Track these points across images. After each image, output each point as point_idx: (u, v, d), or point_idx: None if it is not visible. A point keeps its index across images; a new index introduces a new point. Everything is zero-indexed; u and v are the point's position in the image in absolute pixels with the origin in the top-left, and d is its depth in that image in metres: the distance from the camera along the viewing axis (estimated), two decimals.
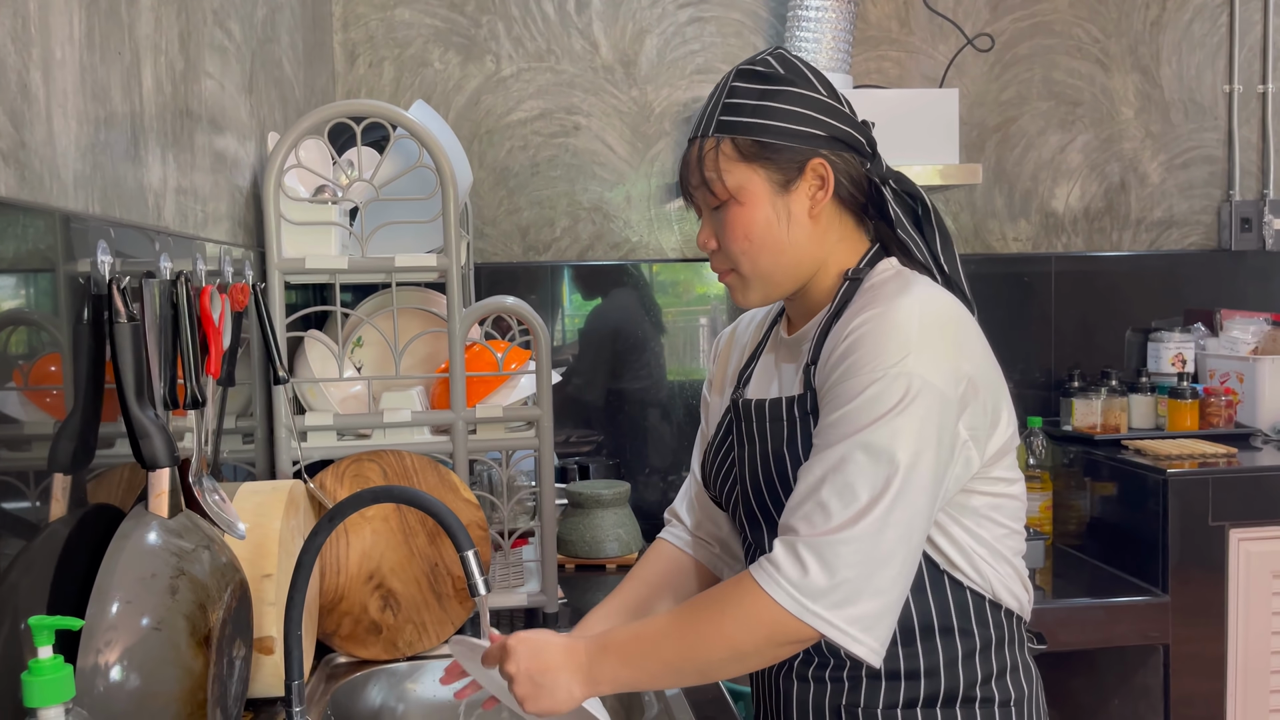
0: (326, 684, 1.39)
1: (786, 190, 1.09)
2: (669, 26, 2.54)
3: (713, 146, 1.10)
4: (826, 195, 1.09)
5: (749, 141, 1.08)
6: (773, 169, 1.08)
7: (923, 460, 0.96)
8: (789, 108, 1.09)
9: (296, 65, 1.96)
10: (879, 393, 0.97)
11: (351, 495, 1.07)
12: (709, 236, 1.14)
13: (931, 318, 1.01)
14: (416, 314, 1.74)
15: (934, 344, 1.00)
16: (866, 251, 1.14)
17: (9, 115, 0.81)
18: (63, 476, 0.86)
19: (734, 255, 1.11)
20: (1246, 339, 2.54)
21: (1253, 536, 2.12)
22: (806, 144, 1.08)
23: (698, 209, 1.16)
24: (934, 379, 0.98)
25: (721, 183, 1.09)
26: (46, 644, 0.68)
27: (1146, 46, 2.70)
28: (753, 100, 1.09)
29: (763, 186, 1.09)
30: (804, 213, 1.10)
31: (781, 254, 1.10)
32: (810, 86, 1.10)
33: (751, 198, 1.09)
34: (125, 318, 0.89)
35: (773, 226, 1.09)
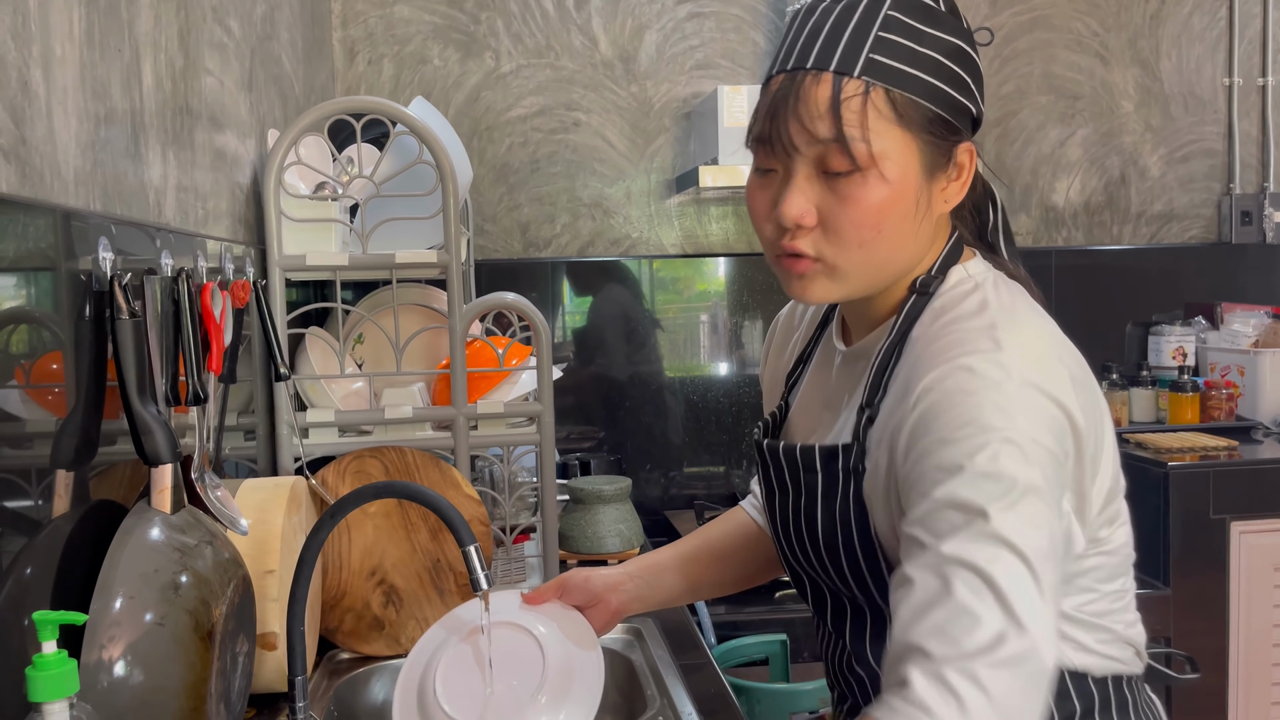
0: (329, 680, 1.39)
1: (932, 176, 0.86)
2: (668, 22, 2.53)
3: (859, 93, 0.82)
4: (963, 191, 0.89)
5: (910, 101, 0.83)
6: (928, 145, 0.85)
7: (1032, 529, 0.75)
8: (954, 68, 0.85)
9: (296, 62, 1.96)
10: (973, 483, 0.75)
11: (354, 491, 1.07)
12: (807, 208, 0.85)
13: (1029, 368, 0.79)
14: (417, 310, 1.75)
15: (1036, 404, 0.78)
16: (941, 251, 0.92)
17: (10, 112, 0.81)
18: (65, 473, 0.86)
19: (846, 243, 0.85)
20: (1247, 332, 2.54)
21: (1254, 529, 2.13)
22: (960, 121, 0.86)
23: (777, 161, 0.87)
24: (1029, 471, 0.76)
25: (866, 144, 0.82)
26: (51, 639, 0.68)
27: (1146, 40, 2.70)
28: (920, 46, 0.84)
29: (914, 164, 0.85)
30: (939, 206, 0.88)
31: (902, 251, 0.87)
32: (968, 34, 0.87)
33: (898, 175, 0.84)
34: (127, 314, 0.89)
35: (908, 218, 0.85)
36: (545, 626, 1.05)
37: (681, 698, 1.29)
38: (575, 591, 1.11)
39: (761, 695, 1.77)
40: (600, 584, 1.11)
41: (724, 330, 2.58)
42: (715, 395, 2.58)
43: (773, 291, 2.57)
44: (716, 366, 2.59)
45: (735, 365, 2.59)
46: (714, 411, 2.57)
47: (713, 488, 2.58)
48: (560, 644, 1.03)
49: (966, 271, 0.90)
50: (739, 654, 1.91)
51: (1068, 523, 0.81)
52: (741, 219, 2.59)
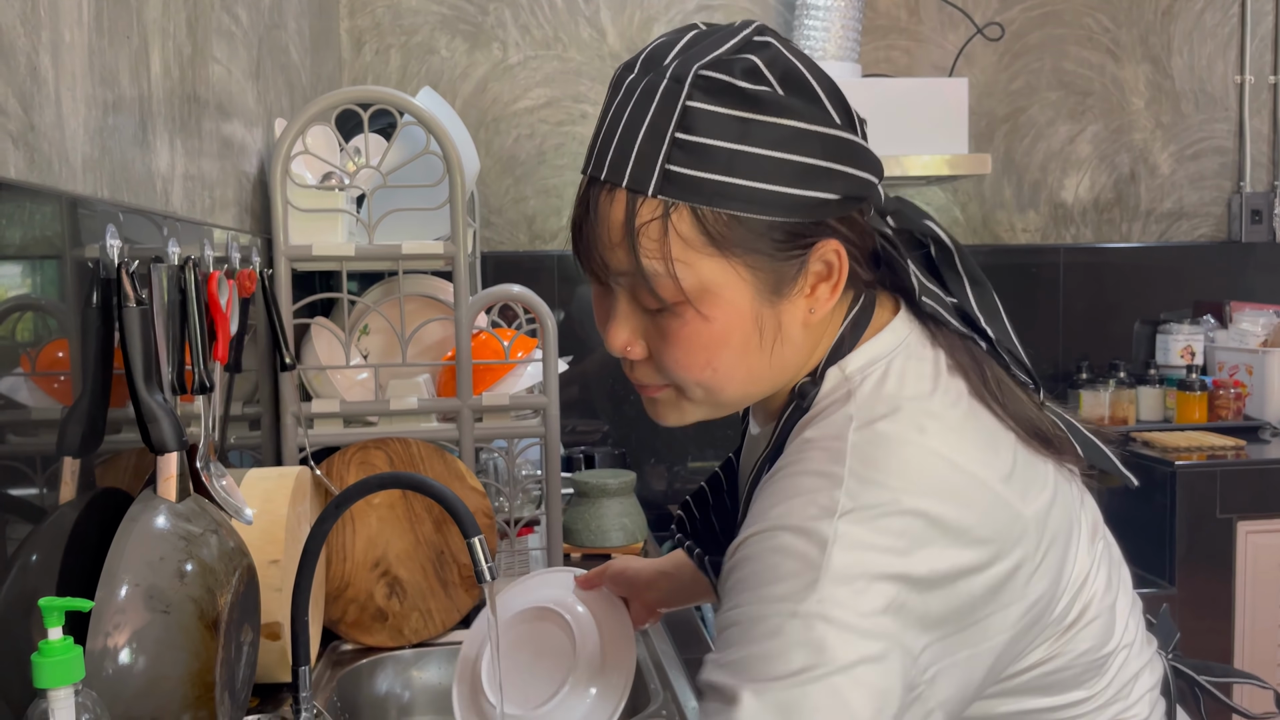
0: (332, 671, 1.39)
1: (779, 295, 0.70)
2: (677, 15, 2.53)
3: (657, 216, 0.67)
4: (835, 293, 0.72)
5: (725, 219, 0.67)
6: (762, 264, 0.69)
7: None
8: (790, 158, 0.67)
9: (303, 52, 1.95)
10: (769, 644, 0.62)
11: (359, 481, 1.07)
12: (631, 340, 0.73)
13: (849, 562, 0.63)
14: (423, 301, 1.74)
15: (861, 566, 0.63)
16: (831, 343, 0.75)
17: (18, 98, 0.81)
18: (72, 460, 0.86)
19: (682, 381, 0.73)
20: (1256, 331, 2.53)
21: (1260, 529, 2.12)
22: (814, 216, 0.69)
23: (601, 282, 0.74)
24: (856, 620, 0.62)
25: (673, 279, 0.68)
26: (56, 625, 0.68)
27: (1157, 36, 2.69)
28: (738, 143, 0.66)
29: (745, 291, 0.69)
30: (798, 323, 0.72)
31: (756, 383, 0.73)
32: (816, 107, 0.69)
33: (723, 309, 0.69)
34: (134, 302, 0.89)
35: (751, 348, 0.71)
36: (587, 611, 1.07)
37: (685, 692, 1.28)
38: (615, 582, 1.09)
39: None
40: (636, 578, 1.10)
41: None
42: None
43: None
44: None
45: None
46: None
47: None
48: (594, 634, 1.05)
49: (843, 373, 0.73)
50: None
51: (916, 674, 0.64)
52: None
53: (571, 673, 1.01)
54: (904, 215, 0.75)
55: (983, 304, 0.76)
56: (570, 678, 1.01)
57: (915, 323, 0.76)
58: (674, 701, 1.26)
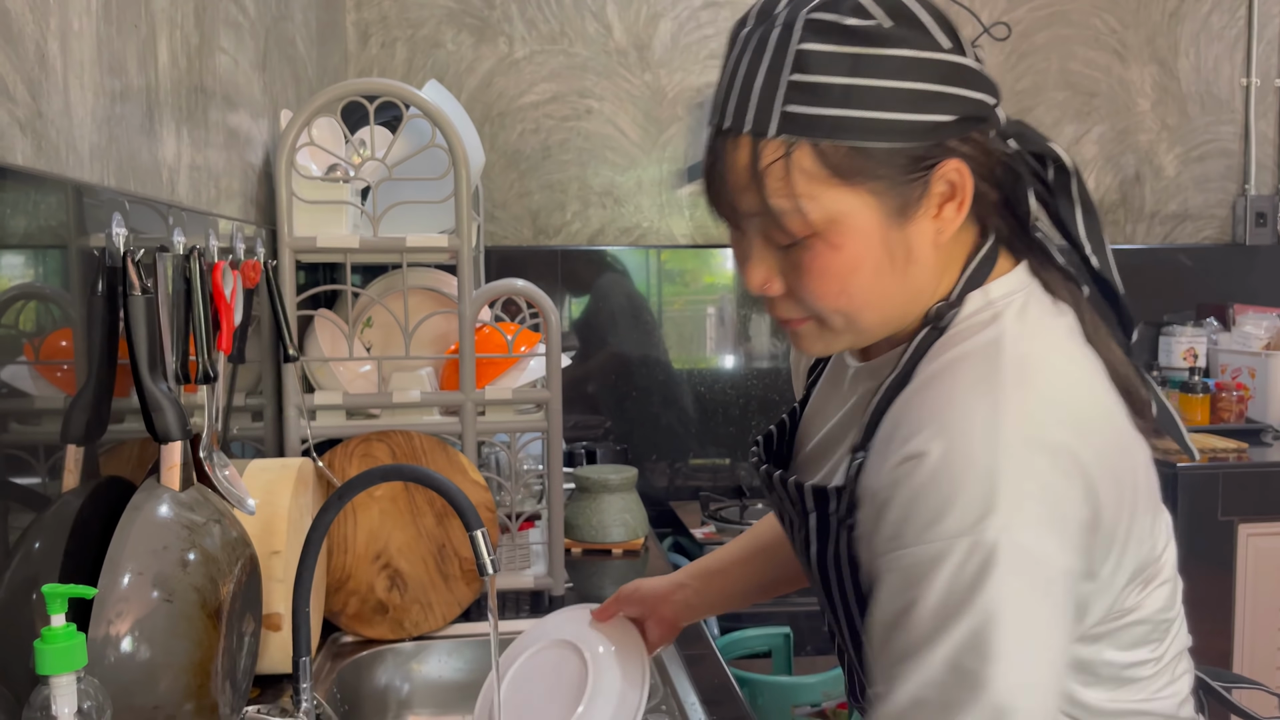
0: (333, 662, 1.39)
1: (905, 218, 0.72)
2: (684, 10, 2.52)
3: (780, 156, 0.70)
4: (961, 211, 0.74)
5: (844, 150, 0.70)
6: (887, 189, 0.71)
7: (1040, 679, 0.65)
8: (902, 85, 0.70)
9: (309, 44, 1.95)
10: (953, 577, 0.64)
11: (361, 473, 1.07)
12: (769, 277, 0.76)
13: (1026, 442, 0.66)
14: (427, 295, 1.74)
15: (1032, 481, 0.66)
16: (965, 265, 0.77)
17: (27, 85, 0.81)
18: (75, 448, 0.86)
19: (820, 309, 0.75)
20: (1259, 334, 2.53)
21: (1262, 532, 2.12)
22: (931, 139, 0.71)
23: (735, 226, 0.77)
24: (1039, 544, 0.65)
25: (801, 214, 0.71)
26: (59, 612, 0.68)
27: (1164, 38, 2.68)
28: (851, 77, 0.69)
29: (872, 218, 0.72)
30: (927, 244, 0.74)
31: (892, 305, 0.75)
32: (923, 34, 0.71)
33: (852, 236, 0.72)
34: (140, 291, 0.89)
35: (884, 272, 0.73)
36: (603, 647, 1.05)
37: (685, 688, 1.28)
38: (629, 604, 1.07)
39: (764, 687, 1.77)
40: (652, 595, 1.08)
41: (732, 323, 2.58)
42: (723, 387, 2.57)
43: None
44: (724, 359, 2.59)
45: (743, 358, 2.58)
46: (721, 403, 2.57)
47: (719, 480, 2.57)
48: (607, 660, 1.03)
49: (987, 297, 0.76)
50: (742, 646, 1.91)
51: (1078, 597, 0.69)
52: None
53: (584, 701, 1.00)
54: (1026, 137, 0.77)
55: (1090, 233, 0.78)
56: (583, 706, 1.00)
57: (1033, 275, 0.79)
58: (674, 697, 1.26)
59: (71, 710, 0.67)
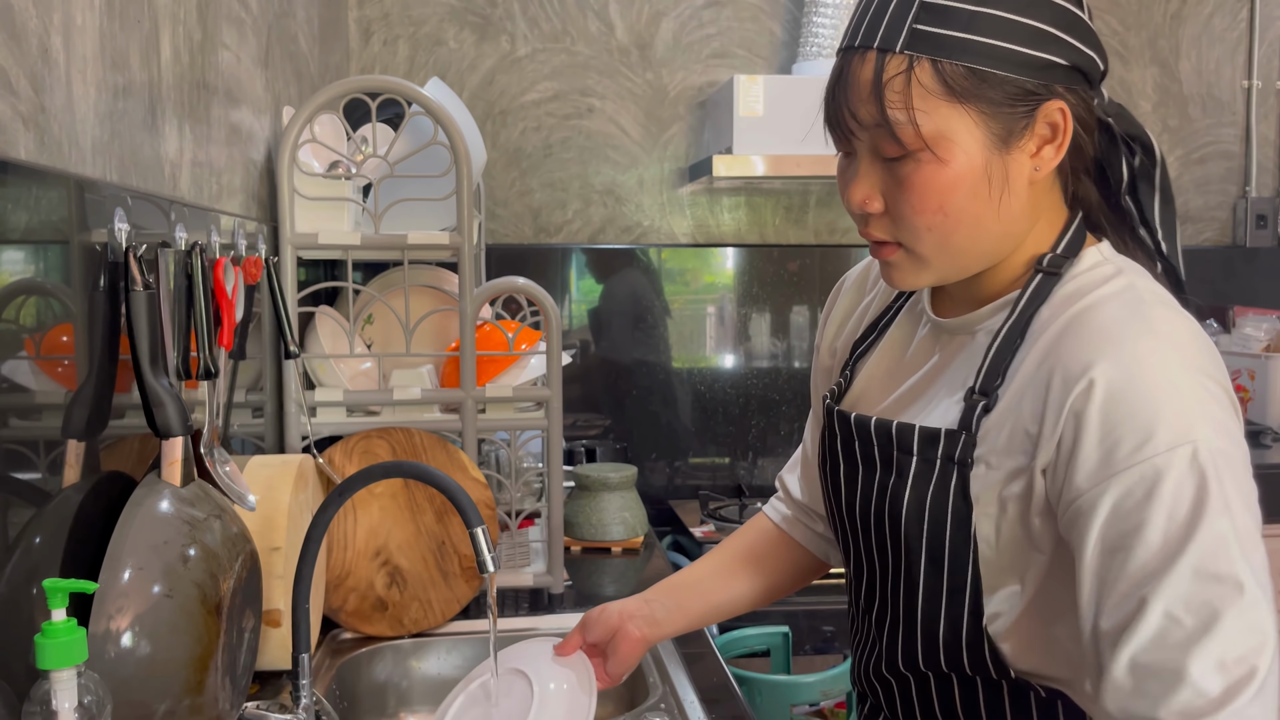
0: (332, 659, 1.39)
1: (1006, 146, 0.78)
2: (685, 9, 2.52)
3: (902, 70, 0.76)
4: (1059, 153, 0.79)
5: (961, 70, 0.75)
6: (993, 114, 0.76)
7: (1260, 561, 0.70)
8: (1023, 20, 0.76)
9: (312, 41, 1.95)
10: (1175, 491, 0.70)
11: (362, 470, 1.07)
12: (871, 194, 0.81)
13: (1191, 355, 0.74)
14: (428, 292, 1.74)
15: (1209, 392, 0.73)
16: (1066, 227, 0.83)
17: (30, 79, 0.81)
18: (76, 443, 0.86)
19: (914, 228, 0.80)
20: (1259, 336, 2.53)
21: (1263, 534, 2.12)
22: (1042, 78, 0.76)
23: (845, 145, 0.82)
24: (1228, 444, 0.72)
25: (914, 126, 0.76)
26: (60, 607, 0.68)
27: (1166, 40, 2.68)
28: (970, 4, 0.75)
29: (976, 138, 0.77)
30: (1024, 178, 0.79)
31: (982, 233, 0.80)
32: None
33: (957, 154, 0.77)
34: (141, 286, 0.89)
35: (979, 197, 0.78)
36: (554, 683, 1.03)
37: (684, 686, 1.29)
38: (595, 627, 1.06)
39: (763, 686, 1.77)
40: (617, 616, 1.06)
41: (732, 322, 2.58)
42: (723, 386, 2.57)
43: (781, 284, 2.57)
44: (724, 358, 2.59)
45: (743, 357, 2.58)
46: (721, 403, 2.57)
47: (718, 479, 2.58)
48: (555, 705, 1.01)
49: (1101, 254, 0.82)
50: (741, 645, 1.91)
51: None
52: (753, 209, 2.58)
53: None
54: (1123, 117, 0.83)
55: (1164, 221, 0.84)
56: None
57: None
58: (673, 695, 1.26)
59: (72, 705, 0.67)
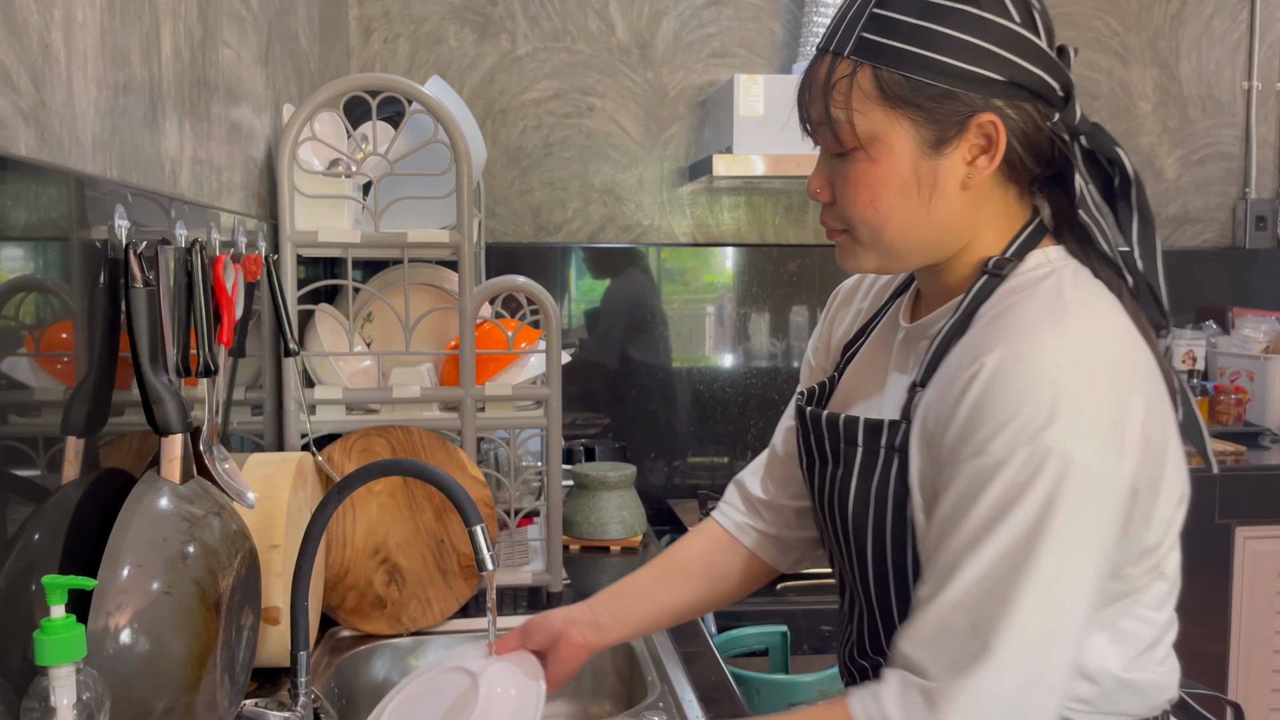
0: (330, 657, 1.39)
1: (937, 152, 0.83)
2: (686, 9, 2.52)
3: (847, 74, 0.83)
4: (992, 163, 0.83)
5: (898, 78, 0.81)
6: (924, 121, 0.82)
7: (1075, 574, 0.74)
8: (962, 36, 0.80)
9: (312, 38, 1.95)
10: (1011, 481, 0.74)
11: (361, 467, 1.07)
12: (822, 185, 0.89)
13: (1088, 361, 0.76)
14: (427, 290, 1.74)
15: (1090, 401, 0.74)
16: (1019, 232, 0.87)
17: (30, 75, 0.81)
18: (76, 440, 0.86)
19: (852, 219, 0.86)
20: (1258, 338, 2.53)
21: (1259, 535, 2.12)
22: (976, 91, 0.81)
23: (812, 140, 0.90)
24: (1088, 455, 0.73)
25: (850, 126, 0.83)
26: (59, 603, 0.68)
27: (1166, 41, 2.68)
28: (912, 17, 0.81)
29: (906, 142, 0.82)
30: (955, 182, 0.84)
31: (914, 230, 0.85)
32: (997, 4, 0.81)
33: (887, 154, 0.83)
34: (141, 283, 0.89)
35: (908, 196, 0.84)
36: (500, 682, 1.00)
37: (682, 685, 1.29)
38: (536, 633, 1.05)
39: (761, 686, 1.77)
40: (559, 621, 1.05)
41: (731, 321, 2.58)
42: (721, 386, 2.57)
43: (781, 284, 2.57)
44: (723, 357, 2.59)
45: (742, 357, 2.58)
46: (720, 402, 2.57)
47: (716, 478, 2.58)
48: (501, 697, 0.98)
49: (1046, 256, 0.86)
50: (739, 644, 1.91)
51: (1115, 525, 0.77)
52: (753, 209, 2.58)
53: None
54: (1097, 139, 0.85)
55: (1143, 240, 0.86)
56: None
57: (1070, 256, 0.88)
58: (671, 694, 1.26)
59: (70, 701, 0.67)
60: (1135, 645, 0.86)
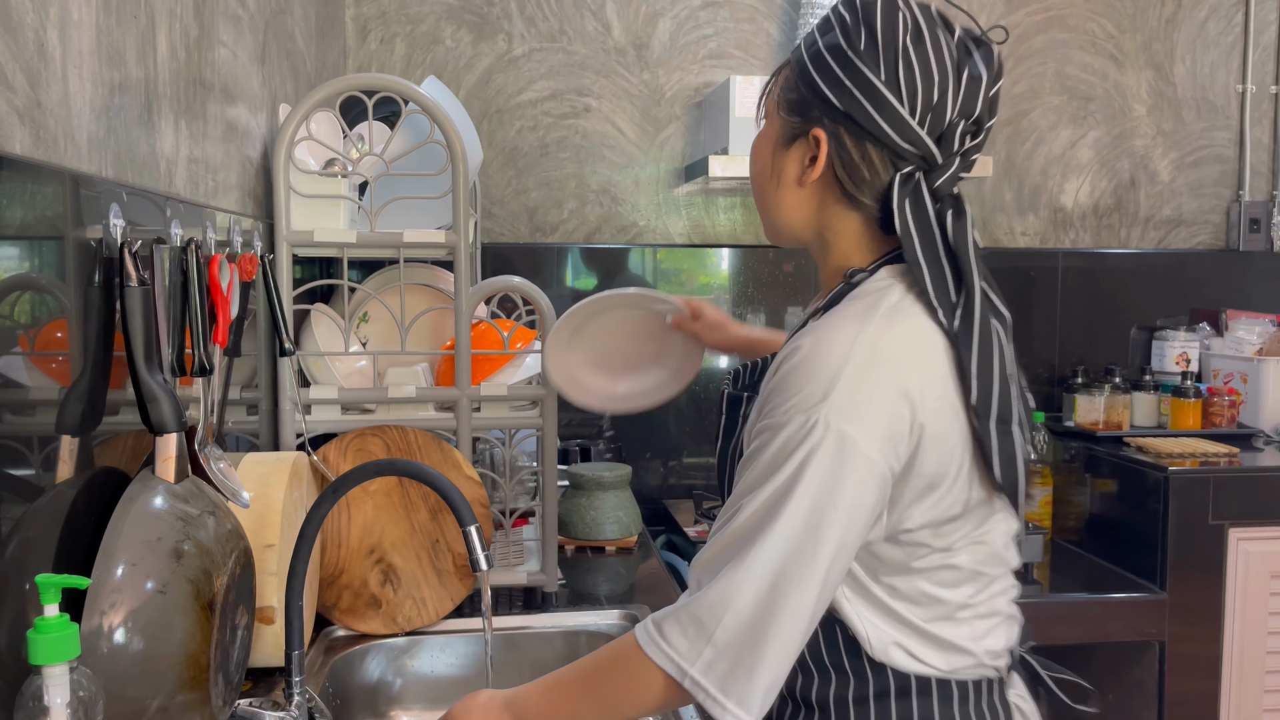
0: (325, 656, 1.39)
1: (786, 147, 1.02)
2: (682, 10, 2.52)
3: (787, 66, 1.04)
4: (816, 170, 0.99)
5: (789, 81, 1.02)
6: (786, 119, 1.01)
7: (821, 529, 0.85)
8: (834, 70, 0.96)
9: (308, 38, 1.95)
10: (785, 441, 0.87)
11: (356, 467, 1.07)
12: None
13: (872, 357, 0.88)
14: (423, 290, 1.74)
15: (865, 389, 0.86)
16: (883, 255, 0.99)
17: (26, 74, 0.81)
18: (70, 439, 0.86)
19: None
20: (1251, 339, 2.54)
21: (1252, 536, 2.13)
22: (822, 111, 0.97)
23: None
24: (852, 432, 0.85)
25: (761, 103, 1.08)
26: (53, 602, 0.68)
27: (1160, 43, 2.69)
28: (822, 49, 0.98)
29: (772, 132, 1.04)
30: (793, 176, 1.02)
31: (767, 203, 1.06)
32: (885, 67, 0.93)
33: (764, 137, 1.06)
34: (136, 282, 0.89)
35: (765, 173, 1.05)
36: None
37: None
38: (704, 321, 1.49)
39: None
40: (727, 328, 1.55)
41: None
42: (717, 386, 2.57)
43: (776, 285, 2.57)
44: (719, 358, 2.59)
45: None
46: (716, 403, 2.57)
47: (711, 478, 2.58)
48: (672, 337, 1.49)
49: (892, 277, 0.97)
50: None
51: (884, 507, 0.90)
52: (749, 210, 2.58)
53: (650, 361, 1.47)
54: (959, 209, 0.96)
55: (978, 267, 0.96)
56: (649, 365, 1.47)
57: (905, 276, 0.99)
58: None
59: (64, 700, 0.67)
60: (925, 611, 0.95)
